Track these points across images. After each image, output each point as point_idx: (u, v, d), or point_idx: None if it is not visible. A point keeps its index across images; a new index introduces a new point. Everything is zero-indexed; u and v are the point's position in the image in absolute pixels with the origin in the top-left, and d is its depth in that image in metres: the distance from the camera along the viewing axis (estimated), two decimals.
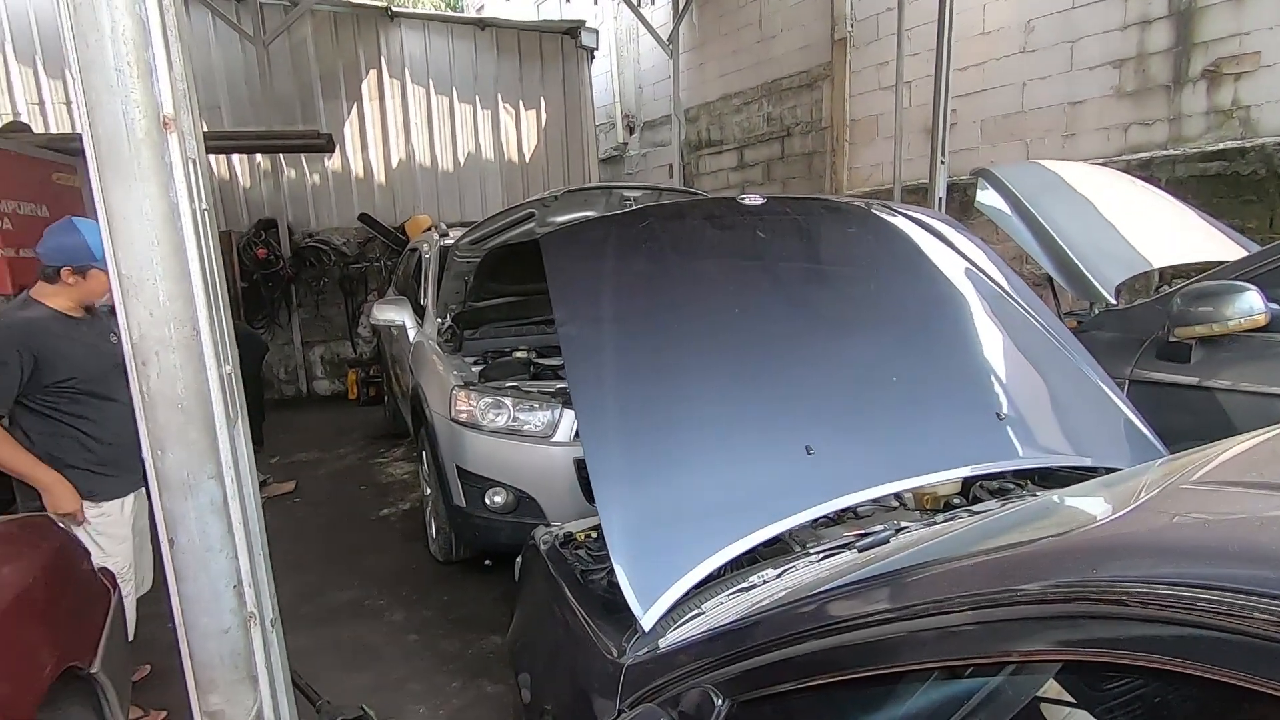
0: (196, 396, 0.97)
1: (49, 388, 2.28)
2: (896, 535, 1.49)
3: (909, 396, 1.72)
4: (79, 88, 0.92)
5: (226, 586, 1.04)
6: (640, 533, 1.37)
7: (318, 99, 8.54)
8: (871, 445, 1.61)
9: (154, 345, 0.95)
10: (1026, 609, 0.54)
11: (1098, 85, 5.23)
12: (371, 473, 5.64)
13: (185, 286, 0.95)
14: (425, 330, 4.30)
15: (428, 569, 3.86)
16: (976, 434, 1.69)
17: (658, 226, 1.97)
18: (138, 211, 0.90)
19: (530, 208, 3.28)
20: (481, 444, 3.27)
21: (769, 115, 8.04)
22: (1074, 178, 3.89)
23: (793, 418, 1.59)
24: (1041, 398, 1.84)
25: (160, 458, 0.98)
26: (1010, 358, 1.92)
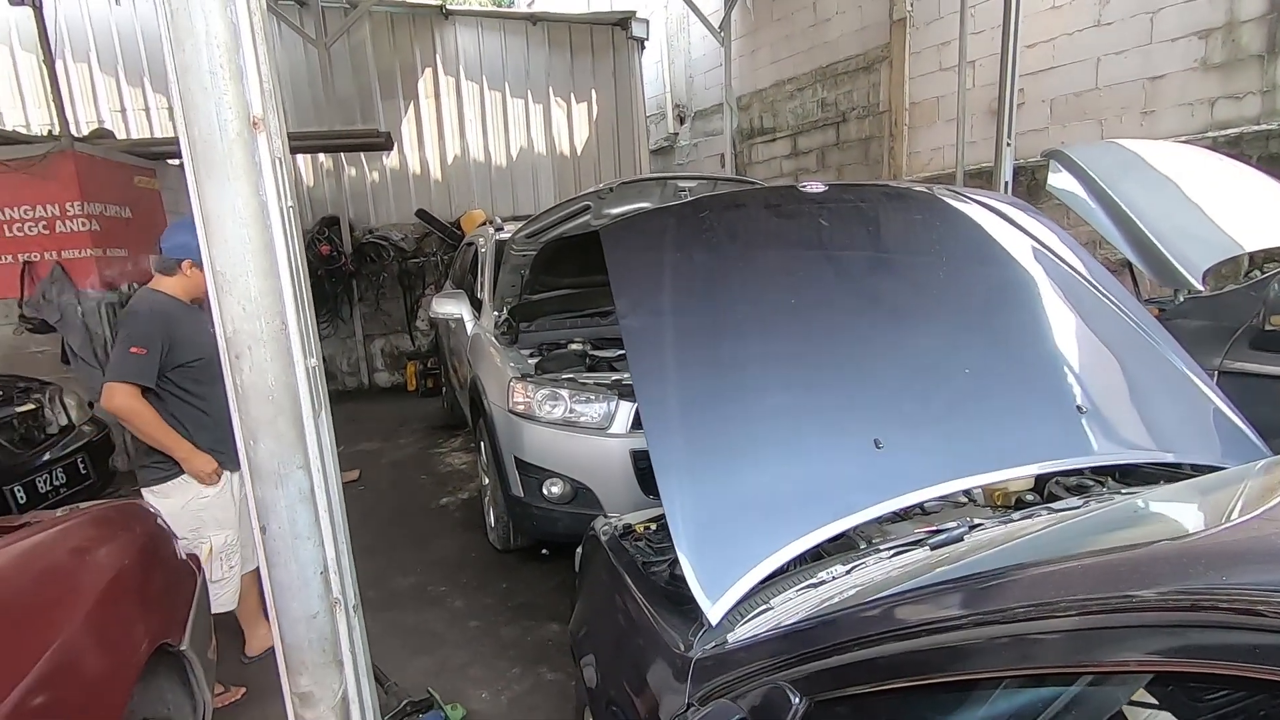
0: (285, 389, 1.01)
1: (177, 368, 2.48)
2: (970, 533, 1.44)
3: (982, 389, 1.65)
4: (176, 91, 0.96)
5: (314, 573, 1.08)
6: (706, 525, 1.36)
7: (376, 98, 8.77)
8: (943, 439, 1.55)
9: (246, 340, 0.99)
10: (1143, 616, 0.50)
11: (1180, 58, 4.92)
12: (431, 462, 5.79)
13: (274, 283, 0.99)
14: (482, 323, 4.38)
15: (486, 557, 3.94)
16: (1054, 428, 1.62)
17: (717, 216, 1.95)
18: (230, 209, 0.94)
19: (585, 200, 3.29)
20: (539, 435, 3.31)
21: (823, 101, 7.86)
22: (1154, 156, 3.66)
23: (860, 410, 1.55)
24: (1124, 389, 1.75)
25: (253, 448, 1.02)
26: (1090, 347, 1.83)
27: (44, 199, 5.49)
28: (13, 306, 5.60)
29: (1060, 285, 1.91)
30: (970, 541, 1.42)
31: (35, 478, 3.62)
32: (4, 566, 1.45)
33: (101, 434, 4.29)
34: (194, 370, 2.53)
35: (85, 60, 8.09)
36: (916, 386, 1.63)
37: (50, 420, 4.01)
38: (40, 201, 5.50)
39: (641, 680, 1.37)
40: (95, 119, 8.08)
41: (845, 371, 1.61)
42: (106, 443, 4.27)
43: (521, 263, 3.92)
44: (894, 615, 0.79)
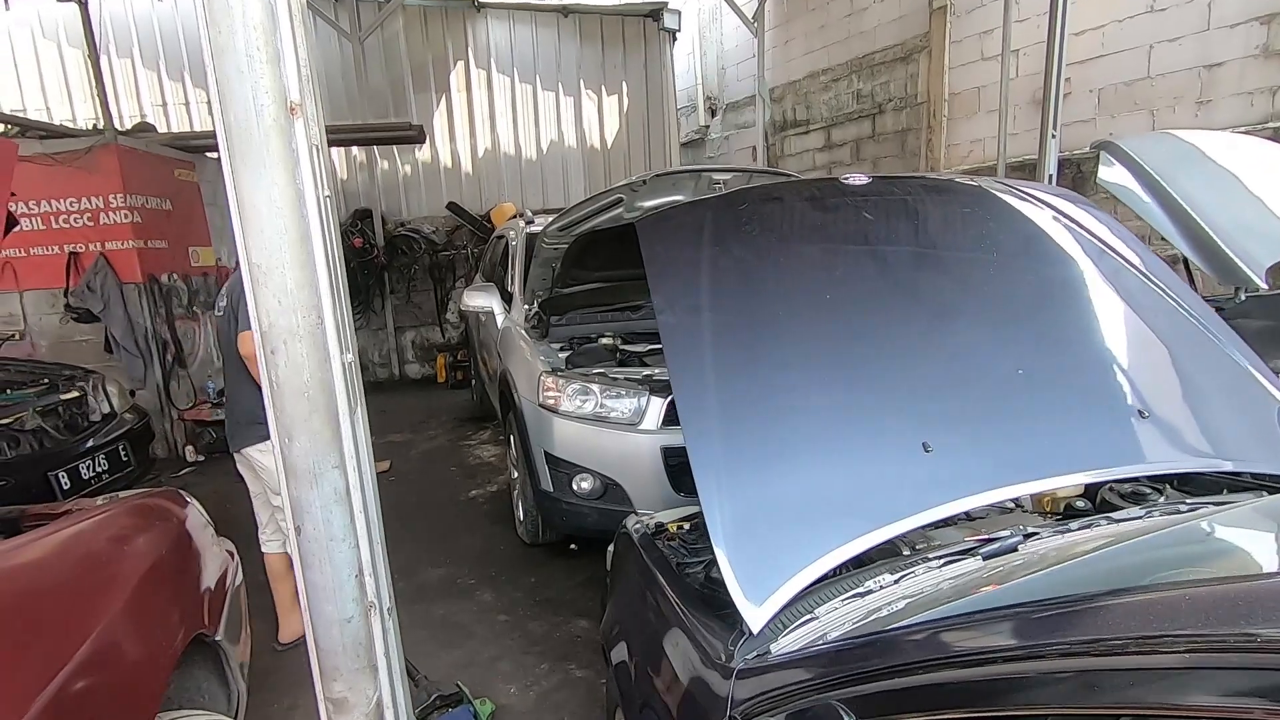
0: (321, 385, 0.98)
1: None
2: (1025, 543, 1.37)
3: (1036, 390, 1.58)
4: (211, 75, 0.94)
5: (349, 576, 1.06)
6: (746, 528, 1.31)
7: (409, 92, 8.82)
8: (995, 443, 1.49)
9: (282, 334, 0.96)
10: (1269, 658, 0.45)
11: (1240, 45, 4.69)
12: (460, 454, 5.82)
13: (310, 274, 0.96)
14: (513, 316, 4.37)
15: (515, 550, 3.94)
16: (1111, 432, 1.54)
17: (756, 209, 1.89)
18: (267, 199, 0.91)
19: (618, 193, 3.25)
20: (569, 430, 3.29)
21: (859, 92, 7.70)
22: (1212, 148, 3.50)
23: (908, 412, 1.49)
24: (1185, 391, 1.66)
25: (288, 446, 1.00)
26: (1149, 346, 1.74)
27: (89, 191, 5.63)
28: (59, 296, 5.75)
29: (1116, 281, 1.82)
30: (1025, 552, 1.36)
31: (79, 464, 3.71)
32: (48, 554, 1.47)
33: (142, 421, 4.38)
34: None
35: (129, 56, 8.27)
36: (967, 387, 1.56)
37: (93, 408, 4.11)
38: (85, 194, 5.63)
39: (678, 687, 1.33)
40: (138, 113, 8.27)
41: (891, 371, 1.55)
42: (147, 430, 4.36)
43: (553, 256, 3.89)
44: (967, 638, 0.74)
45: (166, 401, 5.98)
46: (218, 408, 6.11)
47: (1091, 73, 5.51)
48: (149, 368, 5.77)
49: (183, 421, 6.07)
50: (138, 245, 5.77)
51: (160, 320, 5.92)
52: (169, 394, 6.00)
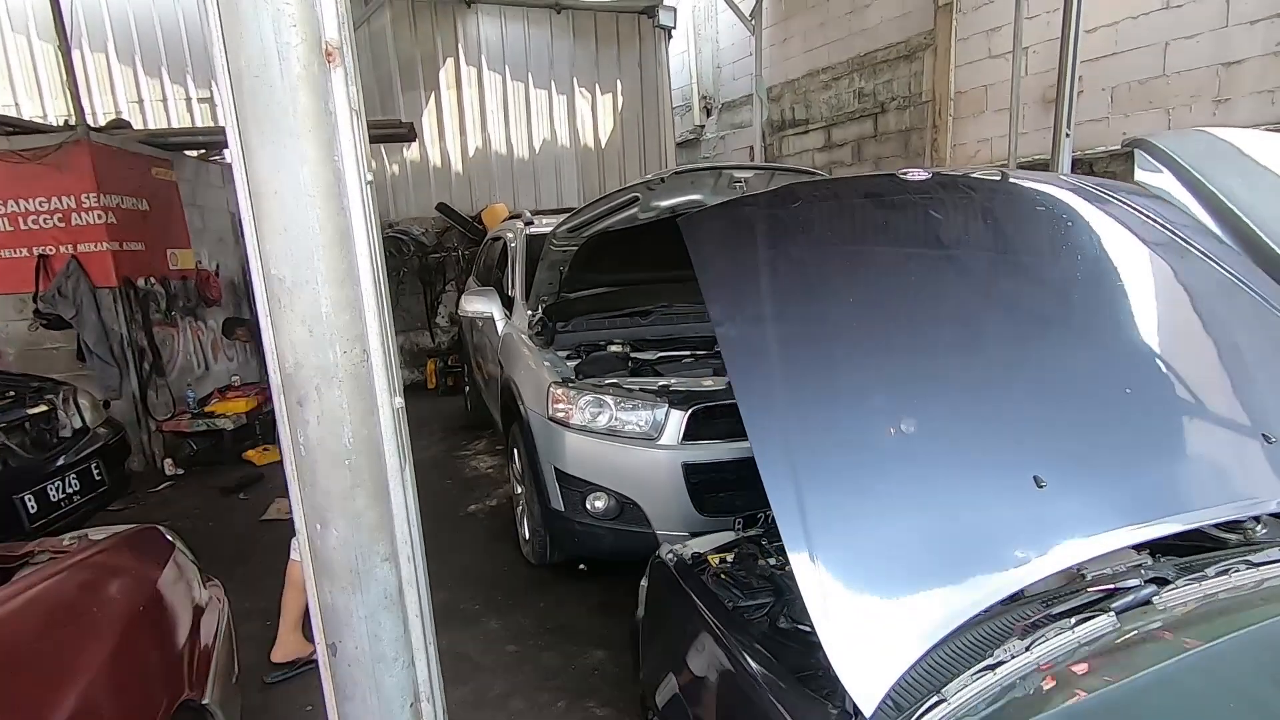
0: (367, 447, 0.72)
1: None
2: (1161, 595, 1.18)
3: (1148, 413, 1.39)
4: (214, 5, 0.67)
5: (402, 707, 0.78)
6: (844, 588, 1.11)
7: (397, 89, 8.55)
8: (1112, 474, 1.29)
9: (313, 376, 0.71)
10: None
11: (1260, 41, 4.58)
12: (455, 466, 5.57)
13: (353, 292, 0.69)
14: (514, 322, 4.14)
15: (520, 572, 3.71)
16: (1240, 460, 1.36)
17: (812, 208, 1.69)
18: (293, 182, 0.65)
19: (634, 191, 3.04)
20: (581, 445, 3.07)
21: (860, 91, 7.55)
22: (1252, 147, 3.36)
23: (1013, 441, 1.29)
24: None
25: (319, 534, 0.73)
26: (1263, 364, 1.56)
27: (59, 190, 5.32)
28: (27, 301, 5.43)
29: (1216, 290, 1.64)
30: (1165, 606, 1.17)
31: (47, 485, 3.43)
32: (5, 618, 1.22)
33: (117, 436, 4.10)
34: None
35: (103, 50, 7.92)
36: (1073, 411, 1.36)
37: (64, 423, 3.82)
38: (56, 193, 5.32)
39: None
40: (113, 110, 7.92)
41: (989, 393, 1.35)
42: (122, 445, 4.08)
43: (561, 259, 3.67)
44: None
45: (143, 412, 5.67)
46: (198, 418, 5.81)
47: (1104, 71, 5.39)
48: (124, 377, 5.46)
49: (161, 433, 5.76)
50: (112, 247, 5.46)
51: (136, 326, 5.61)
52: (146, 404, 5.69)
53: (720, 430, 2.95)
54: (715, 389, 3.12)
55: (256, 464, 5.73)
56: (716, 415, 2.99)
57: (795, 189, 1.85)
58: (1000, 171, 1.84)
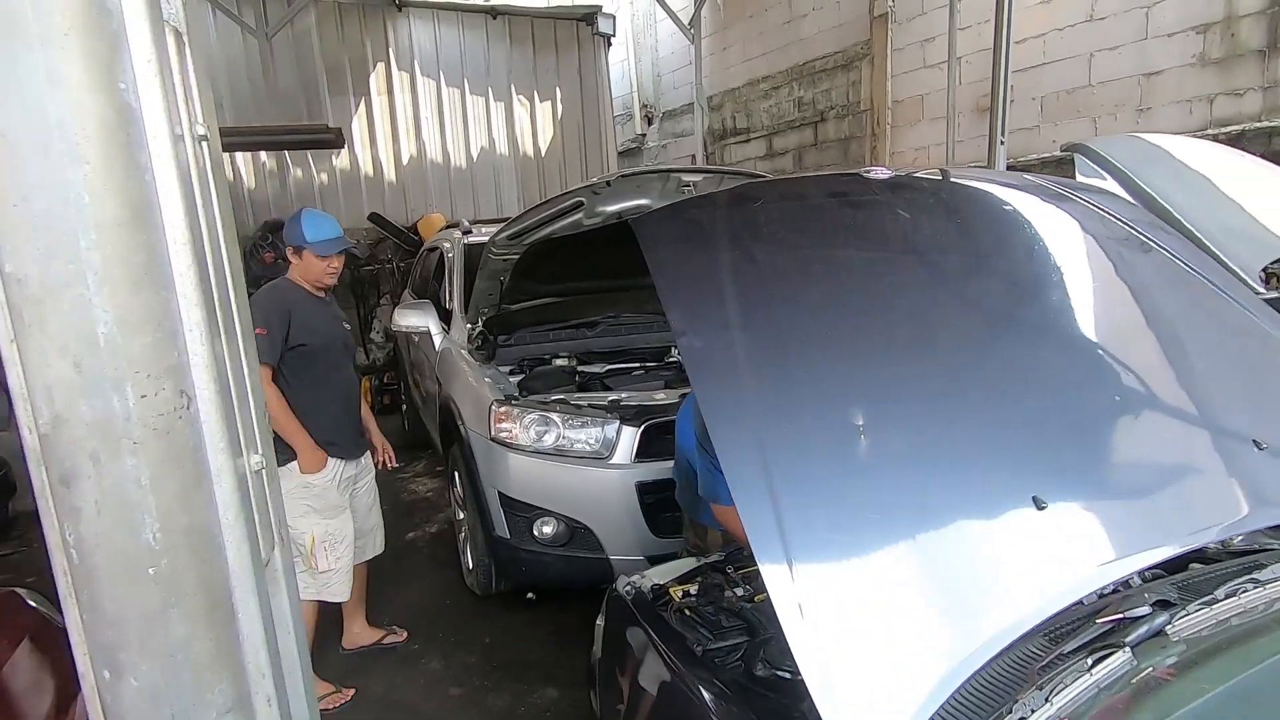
0: (190, 541, 0.43)
1: (294, 349, 2.53)
2: (1173, 623, 1.08)
3: (1139, 422, 1.30)
4: None
5: None
6: (836, 637, 0.95)
7: (324, 94, 8.15)
8: (1112, 490, 1.19)
9: (86, 438, 0.45)
10: None
11: (1177, 54, 4.78)
12: (392, 489, 5.24)
13: (159, 300, 0.45)
14: (453, 337, 3.90)
15: (464, 603, 3.45)
16: (1234, 471, 1.28)
17: (775, 208, 1.56)
18: (35, 119, 0.40)
19: (578, 196, 2.87)
20: (527, 467, 2.86)
21: (800, 100, 7.61)
22: (1180, 151, 3.45)
23: (1008, 457, 1.17)
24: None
25: (108, 687, 0.44)
26: (1240, 363, 1.50)
27: None
28: None
29: (1192, 289, 1.58)
30: (1181, 636, 1.06)
31: None
32: None
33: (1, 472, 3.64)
34: (303, 355, 2.56)
35: None
36: (1064, 421, 1.26)
37: None
38: None
39: None
40: None
41: (978, 405, 1.23)
42: (5, 483, 3.63)
43: (501, 268, 3.46)
44: None
45: None
46: None
47: (1034, 81, 5.54)
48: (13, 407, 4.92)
49: None
50: None
51: None
52: None
53: None
54: (668, 403, 2.97)
55: None
56: (670, 431, 2.84)
57: (756, 187, 1.72)
58: (940, 170, 1.75)
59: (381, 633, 3.12)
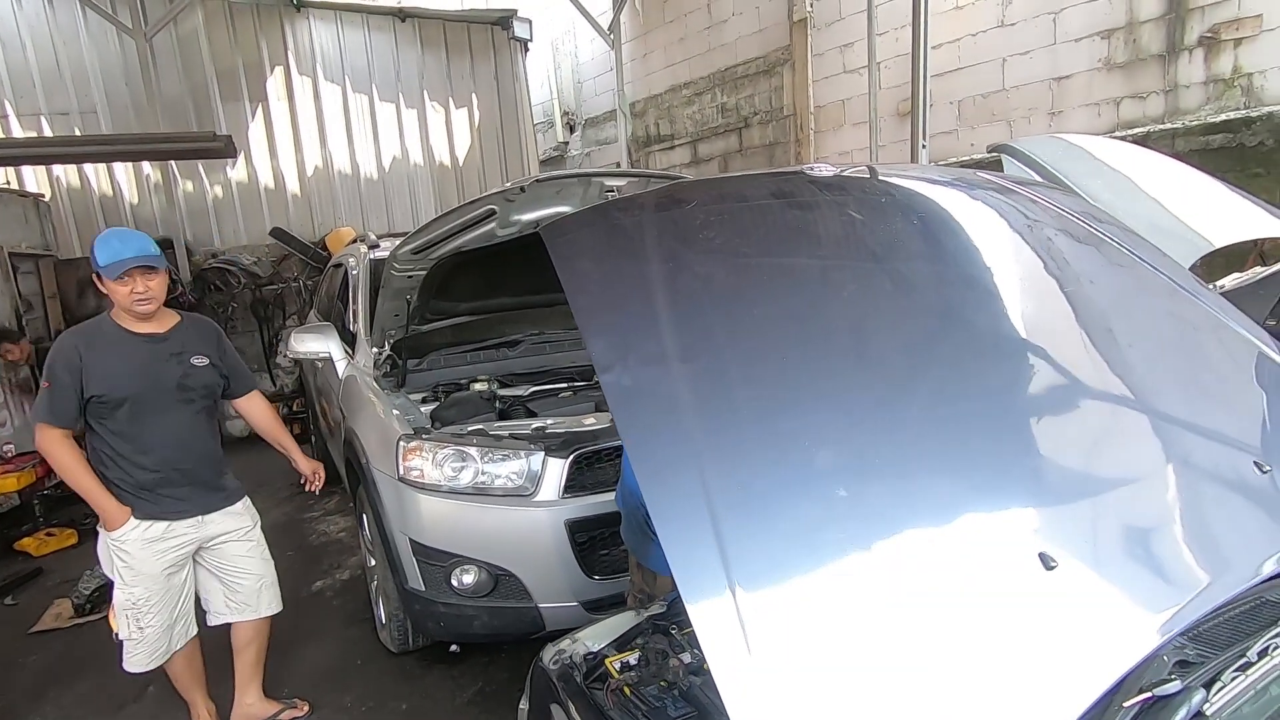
0: None
1: (90, 400, 2.22)
2: (1210, 698, 0.89)
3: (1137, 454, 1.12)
4: None
5: None
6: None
7: (215, 100, 7.52)
8: (1122, 543, 1.00)
9: None
10: None
11: (1085, 58, 4.90)
12: (300, 532, 4.76)
13: None
14: (358, 362, 3.51)
15: (378, 663, 3.07)
16: (1244, 503, 1.11)
17: (711, 210, 1.32)
18: None
19: (490, 203, 2.57)
20: (441, 509, 2.53)
21: (723, 106, 7.53)
22: (1101, 152, 3.47)
23: (1007, 507, 0.97)
24: None
25: None
26: (1224, 375, 1.36)
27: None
28: None
29: (1165, 294, 1.44)
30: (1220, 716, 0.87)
31: None
32: None
33: None
34: (105, 406, 2.23)
35: None
36: (1068, 459, 1.07)
37: None
38: None
39: None
40: None
41: (971, 443, 1.02)
42: None
43: (406, 285, 3.12)
44: None
45: None
46: None
47: (950, 85, 5.60)
48: None
49: None
50: None
51: None
52: None
53: (608, 476, 2.53)
54: (599, 427, 2.70)
55: (34, 554, 4.61)
56: (603, 459, 2.57)
57: (687, 187, 1.49)
58: (869, 168, 1.58)
59: (278, 706, 2.71)
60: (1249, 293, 2.49)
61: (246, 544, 2.54)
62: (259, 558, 2.59)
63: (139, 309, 2.24)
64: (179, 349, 2.37)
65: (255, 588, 2.57)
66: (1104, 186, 3.14)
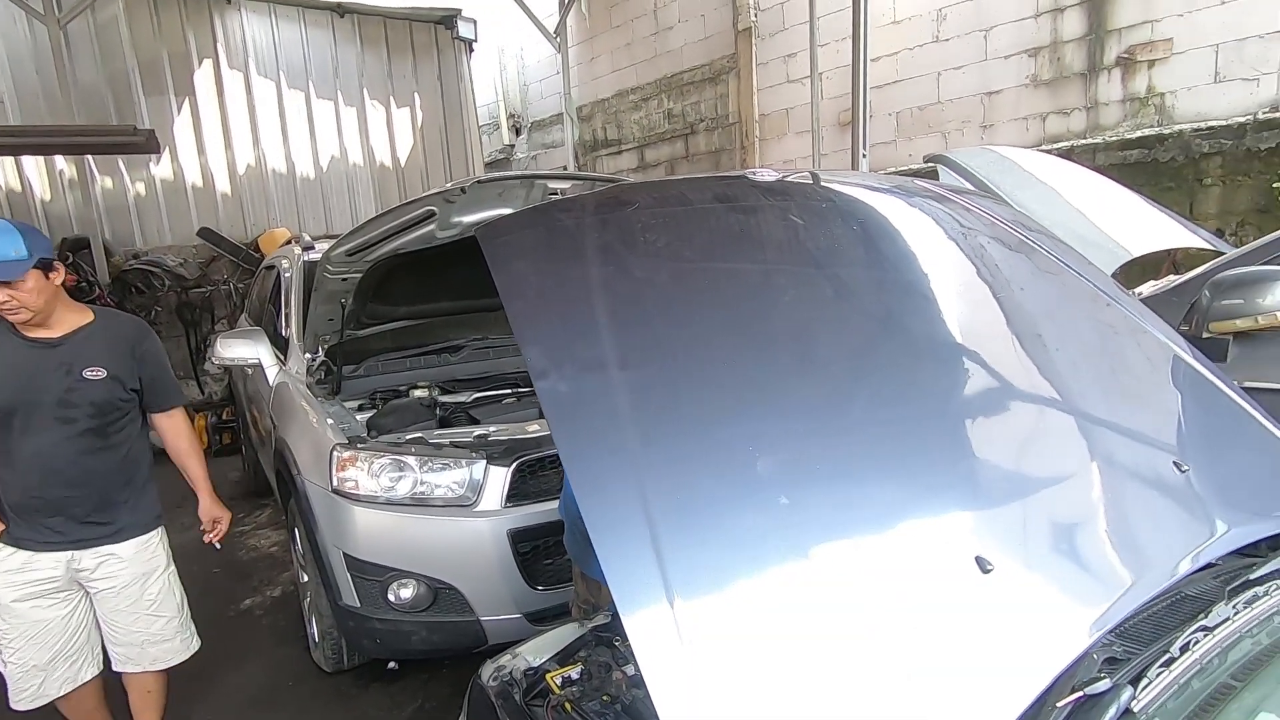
0: None
1: None
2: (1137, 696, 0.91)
3: (1069, 453, 1.15)
4: None
5: None
6: None
7: (137, 92, 7.13)
8: (1059, 544, 1.02)
9: None
10: None
11: (1014, 74, 5.11)
12: (228, 547, 4.47)
13: None
14: (290, 369, 3.36)
15: (310, 683, 2.93)
16: (1168, 501, 1.15)
17: (653, 214, 1.30)
18: None
19: (429, 204, 2.50)
20: (377, 522, 2.43)
21: (670, 112, 7.56)
22: (1029, 164, 3.62)
23: (944, 510, 0.97)
24: (1204, 433, 1.34)
25: None
26: (1145, 378, 1.41)
27: None
28: None
29: (1090, 299, 1.49)
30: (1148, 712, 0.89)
31: None
32: None
33: None
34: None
35: None
36: (997, 460, 1.08)
37: None
38: None
39: None
40: None
41: (911, 449, 1.03)
42: None
43: (340, 289, 3.00)
44: None
45: None
46: None
47: (889, 97, 5.77)
48: None
49: None
50: None
51: None
52: None
53: (553, 484, 2.48)
54: (543, 434, 2.65)
55: None
56: (547, 466, 2.52)
57: (629, 189, 1.46)
58: (811, 174, 1.60)
59: None
60: (1164, 300, 2.62)
61: (127, 598, 2.19)
62: (146, 614, 2.24)
63: (11, 318, 1.97)
64: (70, 359, 2.05)
65: (139, 643, 2.25)
66: (1032, 197, 3.28)
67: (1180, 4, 4.36)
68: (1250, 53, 4.15)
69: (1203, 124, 4.33)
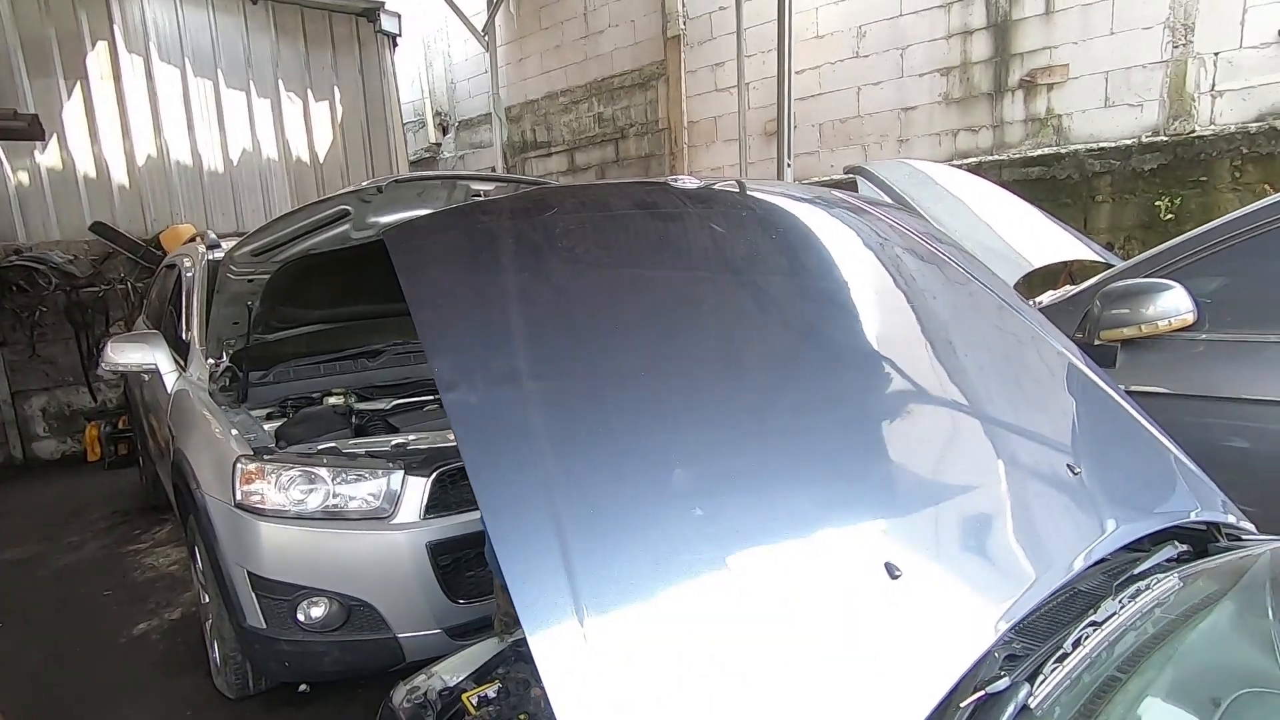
0: None
1: None
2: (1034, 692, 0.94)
3: (971, 458, 1.19)
4: None
5: None
6: None
7: (19, 74, 6.54)
8: (963, 546, 1.05)
9: None
10: None
11: (928, 92, 5.36)
12: (122, 566, 4.19)
13: None
14: (190, 375, 3.14)
15: (212, 711, 2.74)
16: (1062, 501, 1.21)
17: (573, 218, 1.28)
18: None
19: (343, 203, 2.39)
20: (285, 538, 2.30)
21: (600, 116, 7.55)
22: (941, 177, 3.79)
23: (854, 517, 0.98)
24: (1094, 436, 1.42)
25: None
26: (1044, 385, 1.49)
27: None
28: None
29: (993, 310, 1.56)
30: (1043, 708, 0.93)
31: None
32: None
33: None
34: None
35: None
36: (907, 464, 1.11)
37: None
38: None
39: None
40: None
41: (821, 456, 1.03)
42: None
43: (246, 290, 2.83)
44: None
45: None
46: None
47: (813, 108, 5.94)
48: None
49: None
50: None
51: None
52: None
53: (473, 494, 2.41)
54: None
55: None
56: (468, 476, 2.45)
57: (547, 193, 1.43)
58: (737, 182, 1.62)
59: None
60: (1061, 309, 2.78)
61: None
62: None
63: None
64: None
65: None
66: (944, 209, 3.43)
67: (1076, 32, 4.67)
68: (1136, 80, 4.49)
69: (1095, 145, 4.66)
